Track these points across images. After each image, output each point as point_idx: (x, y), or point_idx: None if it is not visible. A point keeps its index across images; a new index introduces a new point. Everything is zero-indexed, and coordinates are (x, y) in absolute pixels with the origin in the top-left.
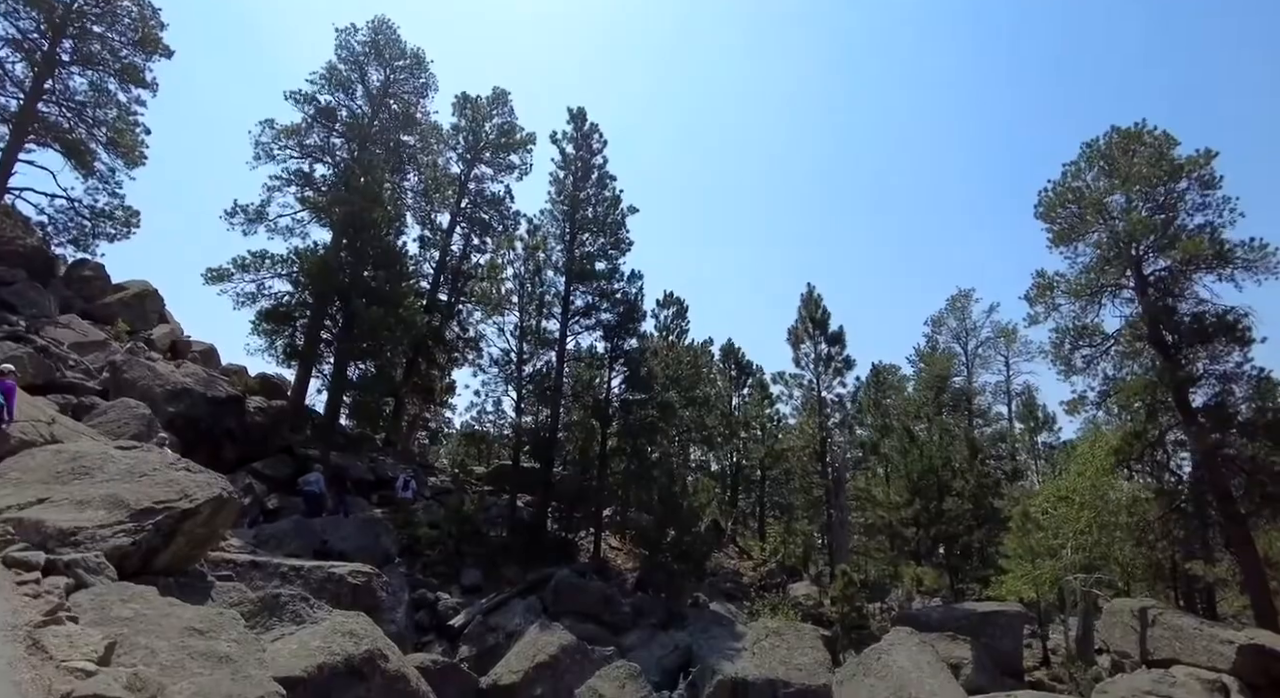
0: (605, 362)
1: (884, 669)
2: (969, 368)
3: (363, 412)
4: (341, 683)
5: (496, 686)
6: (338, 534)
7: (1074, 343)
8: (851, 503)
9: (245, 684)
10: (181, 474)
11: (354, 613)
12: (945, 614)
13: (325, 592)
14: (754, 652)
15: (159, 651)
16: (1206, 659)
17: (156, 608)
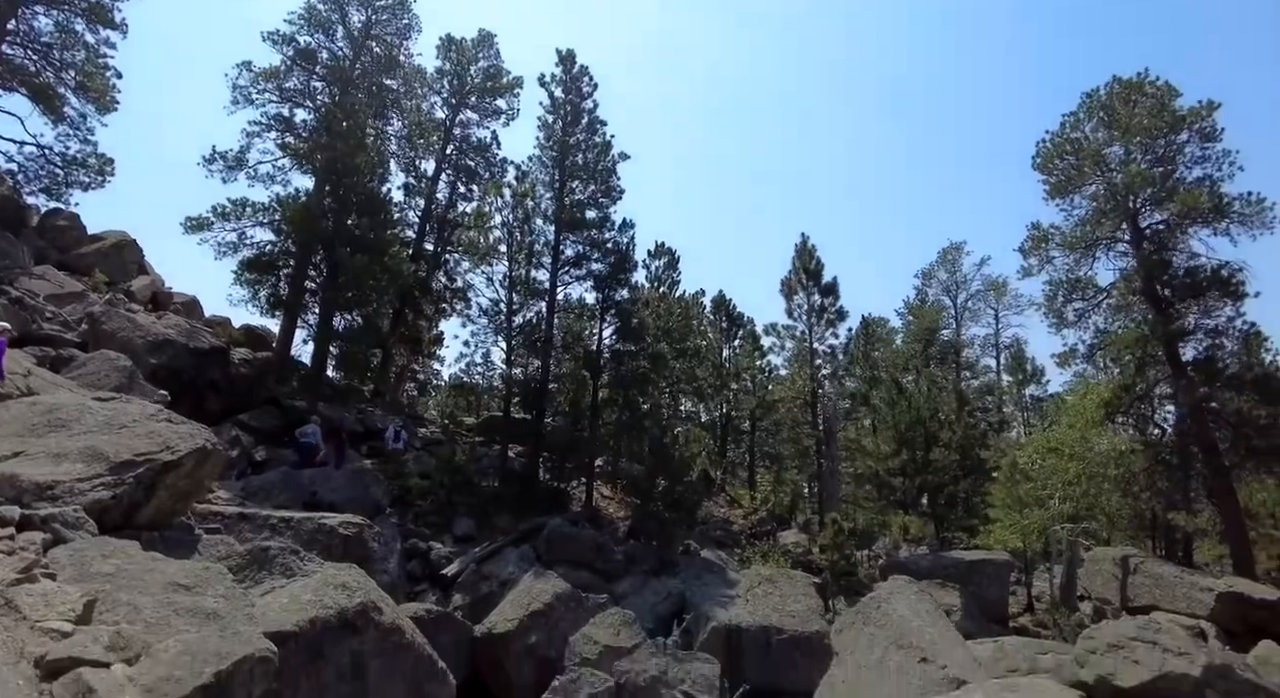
0: (596, 312)
1: (883, 618)
2: (958, 321)
3: (350, 362)
4: (334, 637)
5: (491, 634)
6: (327, 486)
7: (1067, 296)
8: (841, 453)
9: (234, 641)
10: (163, 426)
11: (346, 565)
12: (934, 562)
13: (316, 543)
14: (747, 599)
15: (142, 607)
16: (1186, 606)
17: (139, 563)
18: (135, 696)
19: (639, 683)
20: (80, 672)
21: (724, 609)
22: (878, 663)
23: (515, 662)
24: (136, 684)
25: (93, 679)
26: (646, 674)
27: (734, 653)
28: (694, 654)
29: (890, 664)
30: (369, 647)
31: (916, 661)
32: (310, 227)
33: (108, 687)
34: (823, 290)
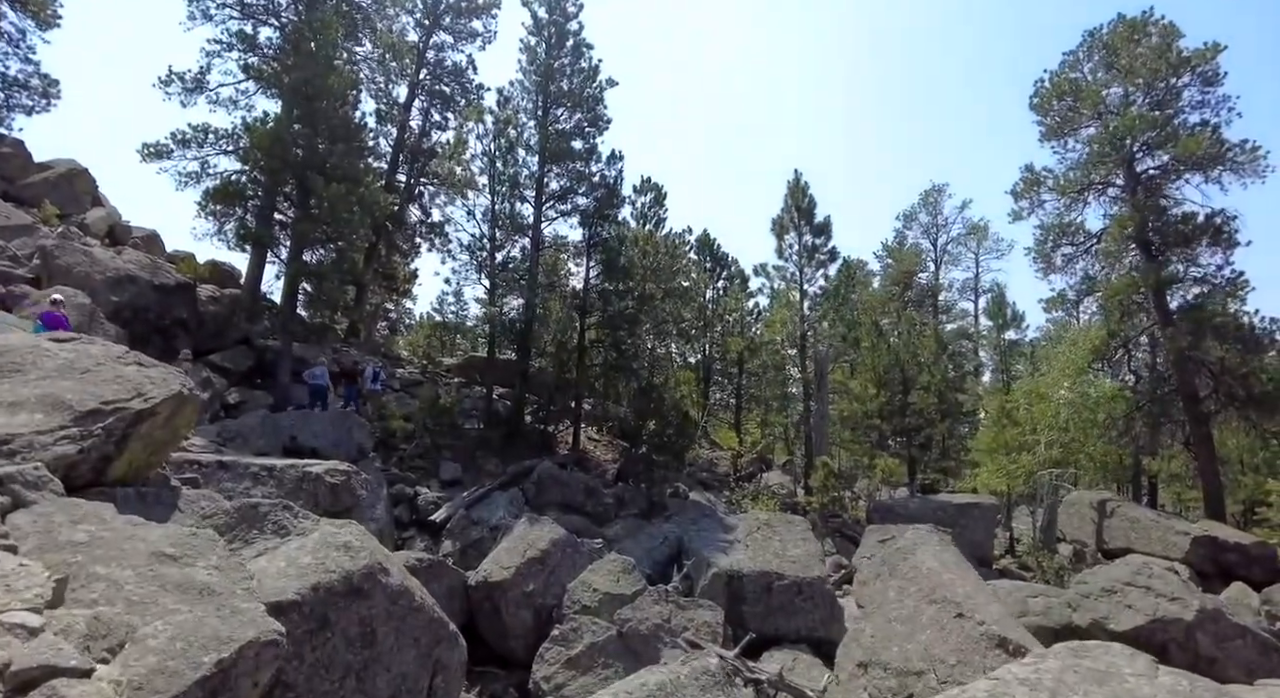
0: (583, 250)
1: (911, 571)
2: (937, 264)
3: (324, 300)
4: (340, 603)
5: (487, 582)
6: (308, 430)
7: (1056, 241)
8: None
9: (235, 621)
10: (132, 369)
11: (344, 522)
12: (922, 506)
13: (301, 493)
14: (747, 544)
15: (123, 583)
16: (1161, 549)
17: (116, 529)
18: None
19: (641, 631)
20: (55, 685)
21: (724, 555)
22: (909, 618)
23: (512, 610)
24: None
25: (72, 695)
26: (649, 622)
27: (735, 599)
28: (696, 601)
29: (923, 619)
30: (377, 612)
31: (952, 616)
32: (279, 154)
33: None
34: (814, 230)
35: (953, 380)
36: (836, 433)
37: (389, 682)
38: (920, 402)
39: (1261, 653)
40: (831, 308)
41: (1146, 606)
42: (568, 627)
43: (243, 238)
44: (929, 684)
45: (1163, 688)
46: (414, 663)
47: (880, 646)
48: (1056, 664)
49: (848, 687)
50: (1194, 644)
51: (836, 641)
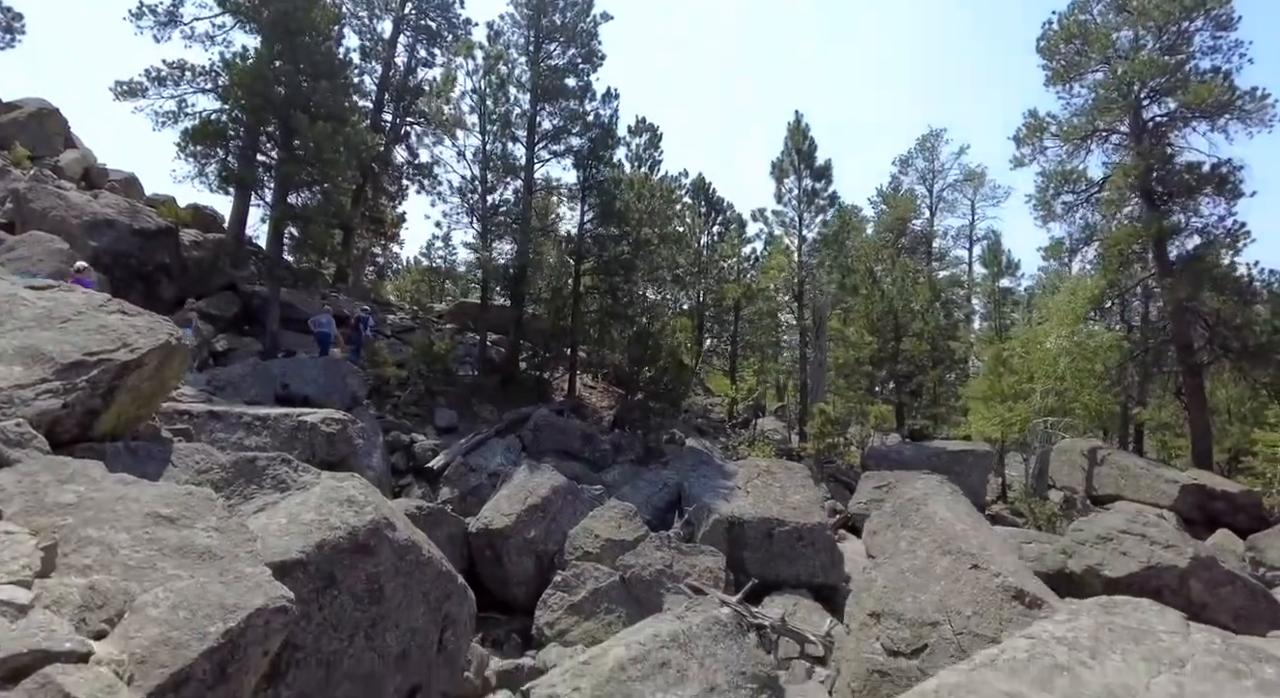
0: (576, 193)
1: (924, 522)
2: (932, 210)
3: (310, 244)
4: (347, 561)
5: (488, 529)
6: (299, 377)
7: (1057, 188)
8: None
9: (240, 587)
10: (115, 318)
11: (346, 475)
12: (917, 453)
13: (297, 442)
14: (747, 491)
15: (118, 548)
16: (1150, 496)
17: (106, 489)
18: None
19: (644, 576)
20: (49, 673)
21: (725, 502)
22: (922, 568)
23: (514, 557)
24: (126, 666)
25: (69, 683)
26: (651, 568)
27: (736, 545)
28: (698, 547)
29: (937, 570)
30: (384, 568)
31: (968, 567)
32: (260, 91)
33: (89, 691)
34: (815, 174)
35: (945, 328)
36: (831, 380)
37: (398, 638)
38: (912, 349)
39: (1249, 599)
40: (830, 255)
41: (1141, 553)
42: (570, 573)
43: (225, 180)
44: (944, 635)
45: (1198, 645)
46: (423, 618)
47: (893, 596)
48: (1091, 622)
49: (859, 636)
50: (1186, 591)
51: (836, 586)
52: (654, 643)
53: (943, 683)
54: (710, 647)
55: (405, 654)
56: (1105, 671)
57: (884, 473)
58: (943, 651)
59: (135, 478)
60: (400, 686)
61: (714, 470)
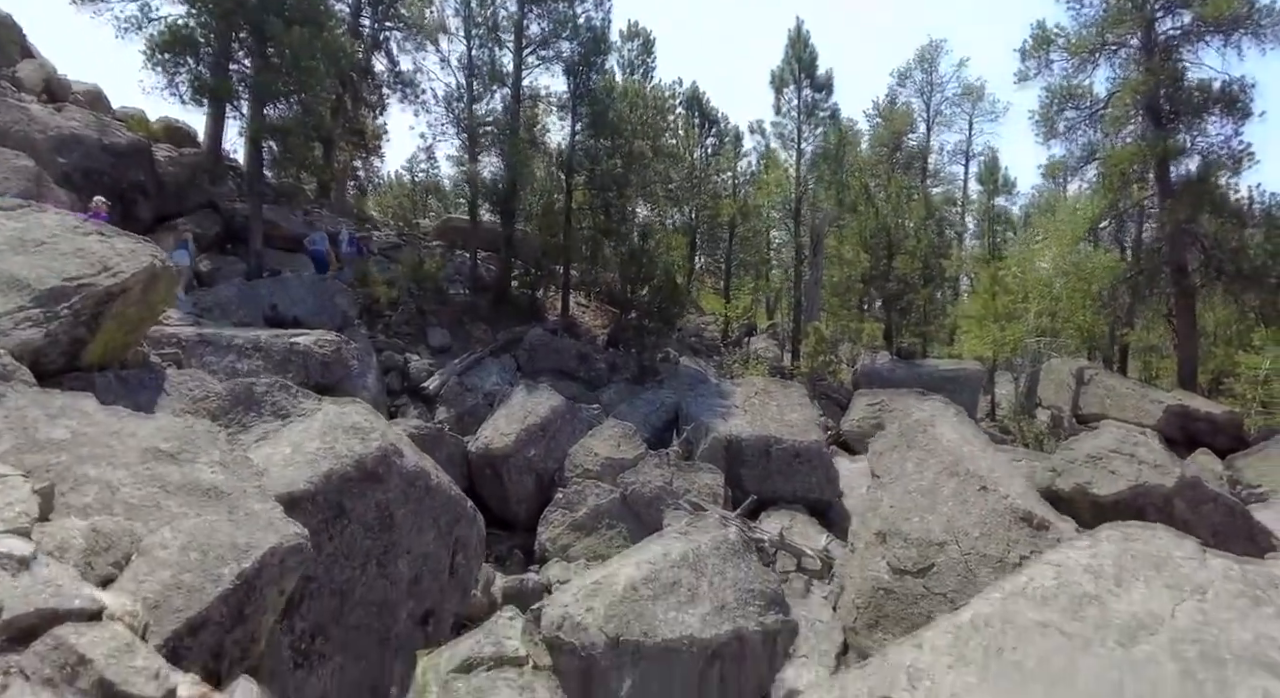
0: (567, 103)
1: (931, 443)
2: (929, 125)
3: (291, 158)
4: (355, 490)
5: (488, 450)
6: (288, 298)
7: (1061, 105)
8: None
9: (251, 526)
10: (93, 240)
11: (348, 400)
12: (909, 372)
13: (290, 366)
14: (745, 410)
15: (118, 486)
16: (1134, 416)
17: (101, 423)
18: (147, 656)
19: (645, 494)
20: (60, 634)
21: (723, 421)
22: (929, 490)
23: (514, 476)
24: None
25: (83, 644)
26: (652, 485)
27: (734, 463)
28: (697, 465)
29: (944, 492)
30: (394, 495)
31: (975, 489)
32: None
33: (106, 651)
34: (815, 85)
35: (937, 247)
36: (824, 299)
37: (410, 564)
38: (904, 267)
39: (1227, 517)
40: (829, 169)
41: (1130, 473)
42: (571, 491)
43: (198, 92)
44: (951, 556)
45: (1216, 572)
46: (434, 543)
47: (900, 517)
48: (1113, 549)
49: (865, 556)
50: (1170, 509)
51: (831, 502)
52: (664, 563)
53: (977, 613)
54: (719, 566)
55: (417, 580)
56: (1131, 599)
57: (877, 391)
58: (950, 571)
59: (130, 411)
60: (413, 611)
61: (711, 390)
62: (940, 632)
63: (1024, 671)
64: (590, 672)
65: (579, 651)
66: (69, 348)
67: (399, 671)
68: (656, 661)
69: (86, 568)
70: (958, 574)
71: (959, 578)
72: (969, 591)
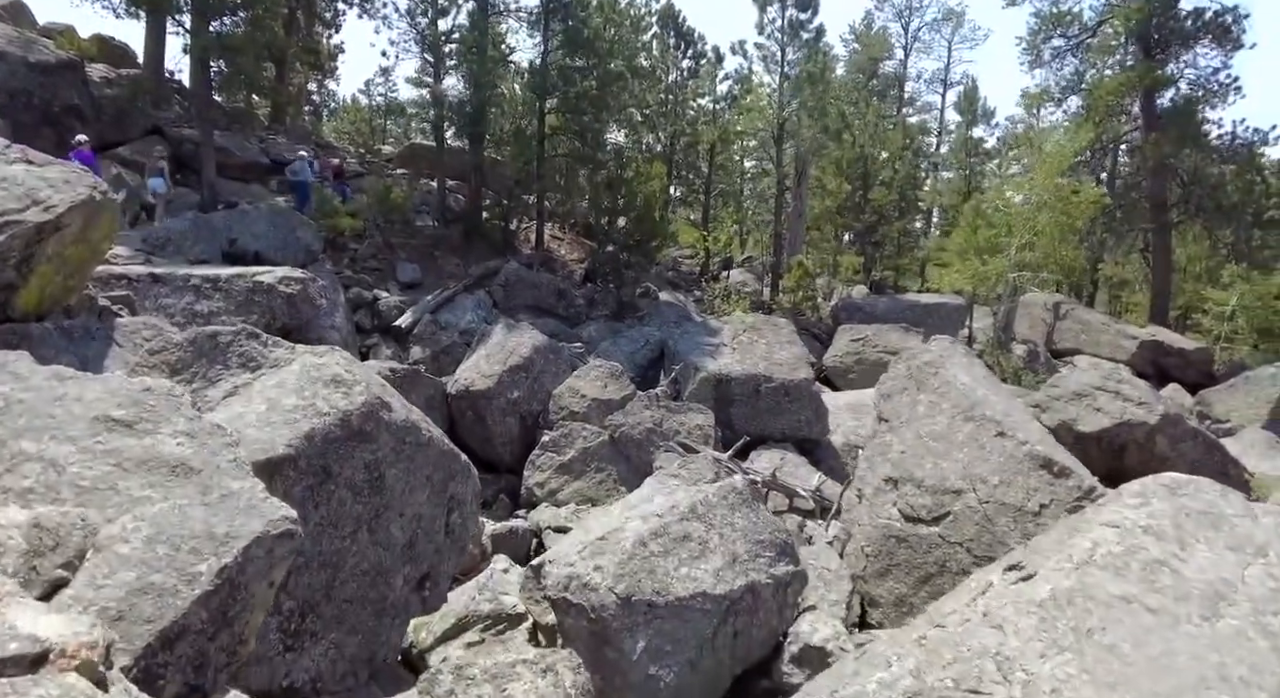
0: (539, 17)
1: (943, 386)
2: (906, 51)
3: (242, 79)
4: (342, 450)
5: (469, 391)
6: (248, 231)
7: (1049, 31)
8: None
9: (229, 509)
10: (19, 169)
11: (325, 348)
12: (890, 305)
13: (254, 306)
14: (733, 348)
15: (65, 464)
16: (1108, 351)
17: (39, 388)
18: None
19: (633, 436)
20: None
21: (712, 359)
22: (943, 435)
23: (497, 418)
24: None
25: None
26: (641, 426)
27: (723, 402)
28: (686, 405)
29: (959, 436)
30: (383, 454)
31: (992, 435)
32: None
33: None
34: (800, 3)
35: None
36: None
37: (404, 527)
38: (879, 198)
39: (1205, 452)
40: (814, 94)
41: (1114, 409)
42: (558, 433)
43: (134, 3)
44: (969, 504)
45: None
46: (428, 503)
47: (912, 462)
48: (1167, 508)
49: (874, 502)
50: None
51: (819, 440)
52: (672, 516)
53: (1057, 588)
54: (728, 516)
55: (412, 543)
56: (1200, 564)
57: (860, 326)
58: (967, 519)
59: (74, 372)
60: (410, 576)
61: (698, 328)
62: (1019, 610)
63: (1122, 657)
64: (603, 634)
65: (588, 612)
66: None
67: (396, 641)
68: (670, 619)
69: (30, 575)
70: (975, 523)
71: (976, 527)
72: (986, 539)
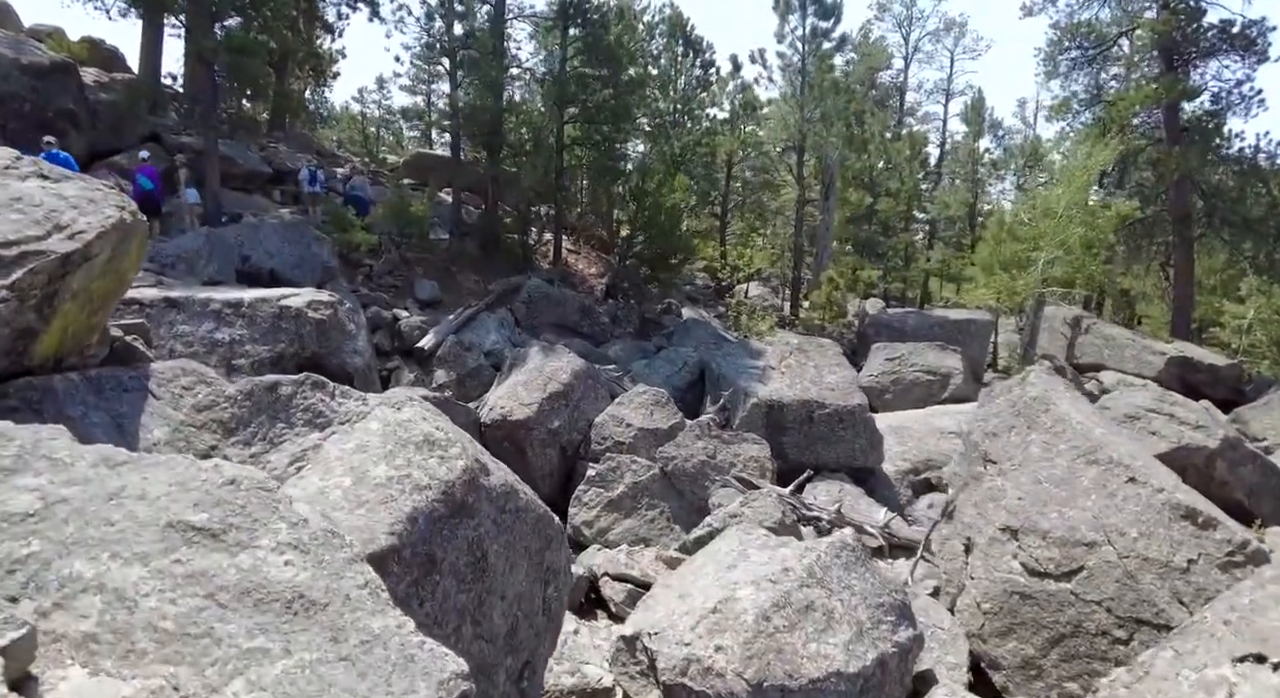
0: (556, 21)
1: (1057, 424)
2: (907, 61)
3: (244, 84)
4: (446, 531)
5: (507, 420)
6: (260, 247)
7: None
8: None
9: (379, 665)
10: (33, 186)
11: (401, 398)
12: (919, 321)
13: (281, 334)
14: (781, 371)
15: (136, 595)
16: (1133, 367)
17: (85, 478)
18: None
19: (687, 469)
20: None
21: (761, 384)
22: (1064, 480)
23: (537, 450)
24: None
25: None
26: (695, 459)
27: (774, 430)
28: (740, 435)
29: (1084, 482)
30: (485, 528)
31: (1123, 480)
32: None
33: None
34: (822, 11)
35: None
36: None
37: (505, 612)
38: (887, 209)
39: (1263, 476)
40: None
41: (1171, 433)
42: (605, 466)
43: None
44: (1105, 558)
45: None
46: (527, 579)
47: (1033, 510)
48: None
49: (989, 553)
50: (1211, 469)
51: (874, 469)
52: (790, 582)
53: None
54: (844, 577)
55: (514, 630)
56: None
57: (896, 345)
58: (1105, 575)
59: (125, 454)
60: (511, 668)
61: (739, 349)
62: None
63: None
64: None
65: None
66: (13, 344)
67: None
68: None
69: None
70: (1115, 580)
71: (1117, 585)
72: (1130, 598)
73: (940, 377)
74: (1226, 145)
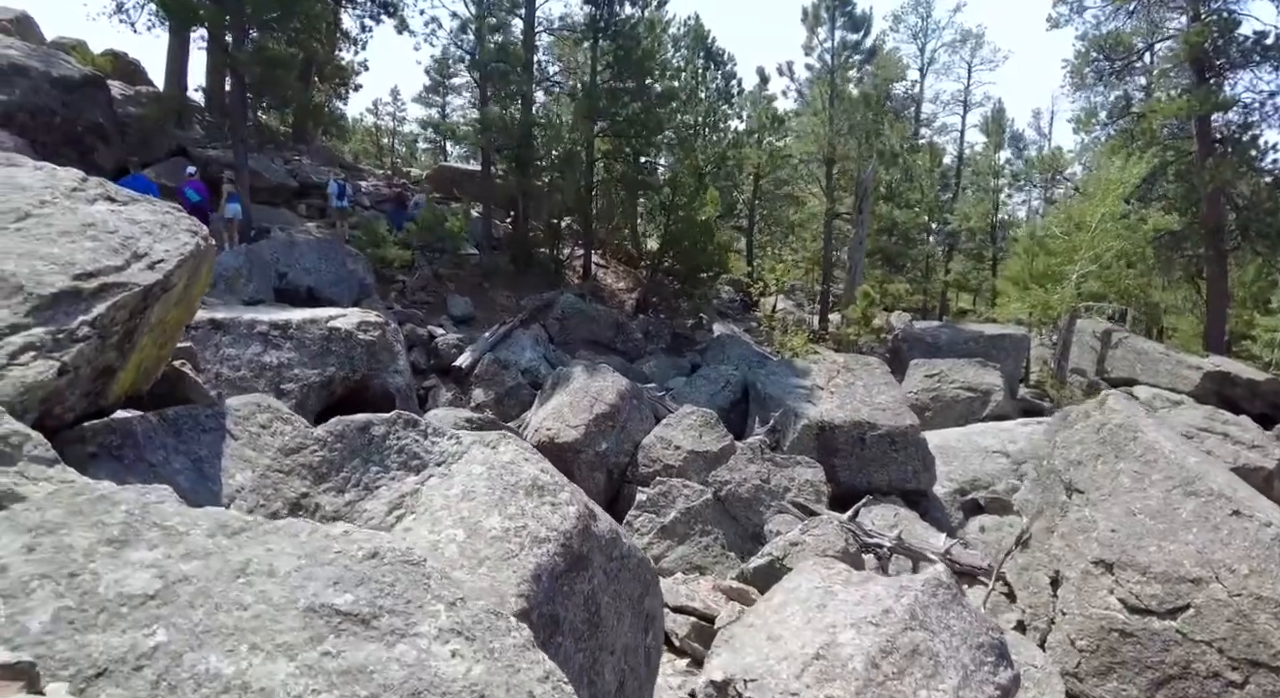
0: (587, 35)
1: (1148, 453)
2: (922, 72)
3: (276, 95)
4: (566, 587)
5: (554, 442)
6: (297, 264)
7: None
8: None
9: None
10: (103, 210)
11: (496, 435)
12: (953, 336)
13: (331, 357)
14: (830, 391)
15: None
16: (1168, 382)
17: (203, 550)
18: None
19: (741, 494)
20: None
21: (811, 404)
22: (1160, 512)
23: (585, 474)
24: None
25: None
26: (749, 484)
27: (825, 451)
28: (793, 458)
29: (1183, 514)
30: (598, 581)
31: (1226, 513)
32: None
33: None
34: (851, 23)
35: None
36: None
37: (614, 667)
38: (907, 220)
39: None
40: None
41: (1226, 453)
42: (656, 491)
43: (169, 11)
44: (1214, 596)
45: None
46: (631, 629)
47: (1130, 544)
48: None
49: (1082, 587)
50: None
51: (926, 492)
52: (893, 624)
53: None
54: (942, 617)
55: (622, 686)
56: None
57: (935, 361)
58: (1214, 613)
59: (240, 518)
60: None
61: (783, 368)
62: None
63: None
64: None
65: None
66: (93, 385)
67: None
68: None
69: None
70: (1227, 619)
71: (1229, 624)
72: (1244, 639)
73: (980, 393)
74: (1260, 157)
